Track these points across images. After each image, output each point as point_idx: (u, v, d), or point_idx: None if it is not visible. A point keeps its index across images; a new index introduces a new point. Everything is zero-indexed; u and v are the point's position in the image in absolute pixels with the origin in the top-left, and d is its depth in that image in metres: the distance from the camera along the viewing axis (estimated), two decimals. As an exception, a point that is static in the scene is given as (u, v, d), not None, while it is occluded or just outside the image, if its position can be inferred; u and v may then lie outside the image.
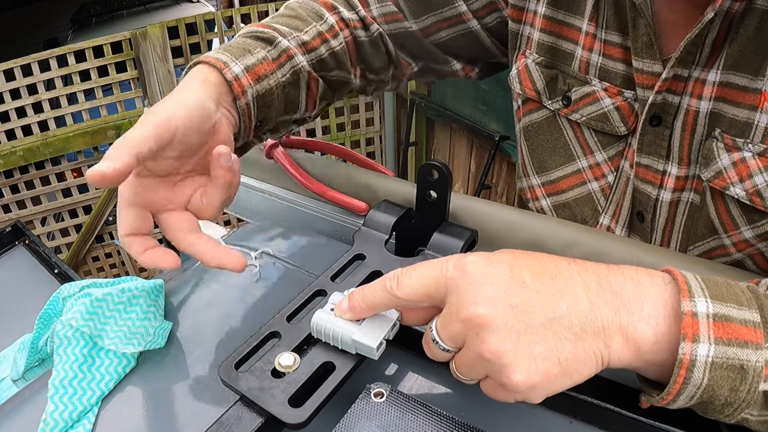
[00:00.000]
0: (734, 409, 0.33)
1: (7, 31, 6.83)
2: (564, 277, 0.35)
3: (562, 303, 0.34)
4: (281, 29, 0.62)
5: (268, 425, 0.38)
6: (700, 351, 0.32)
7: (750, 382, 0.32)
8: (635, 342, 0.34)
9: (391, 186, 0.63)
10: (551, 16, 0.63)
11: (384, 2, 0.70)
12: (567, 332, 0.33)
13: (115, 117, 3.34)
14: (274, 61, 0.59)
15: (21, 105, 3.10)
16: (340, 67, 0.67)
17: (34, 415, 0.44)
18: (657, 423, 0.38)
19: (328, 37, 0.65)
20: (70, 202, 3.48)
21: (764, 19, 0.47)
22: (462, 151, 3.17)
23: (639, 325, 0.34)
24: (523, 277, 0.35)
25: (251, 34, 0.60)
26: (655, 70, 0.55)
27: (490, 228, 0.55)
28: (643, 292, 0.34)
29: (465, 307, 0.34)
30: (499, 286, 0.34)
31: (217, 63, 0.53)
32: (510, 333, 0.33)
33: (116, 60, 3.19)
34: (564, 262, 0.36)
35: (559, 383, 0.34)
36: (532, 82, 0.67)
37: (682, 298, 0.33)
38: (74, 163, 3.40)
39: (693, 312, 0.33)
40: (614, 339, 0.33)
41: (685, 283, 0.34)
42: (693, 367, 0.32)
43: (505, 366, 0.33)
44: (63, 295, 0.54)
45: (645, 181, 0.60)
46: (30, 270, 1.22)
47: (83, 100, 3.23)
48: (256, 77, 0.56)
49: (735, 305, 0.33)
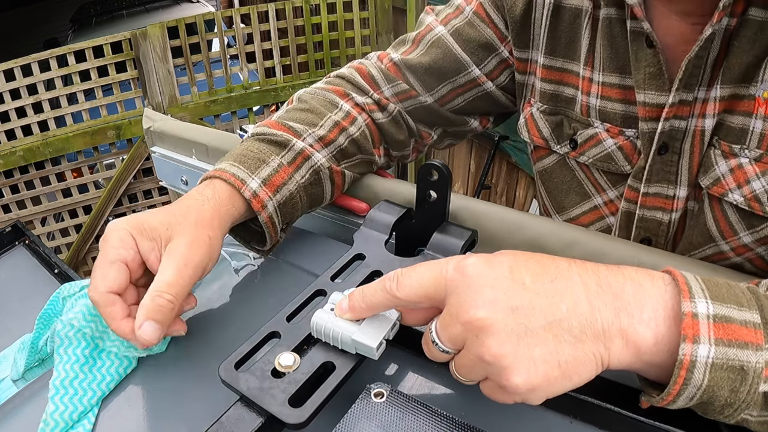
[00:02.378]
0: (734, 409, 0.33)
1: (7, 31, 6.83)
2: (564, 279, 0.35)
3: (561, 305, 0.34)
4: (296, 127, 0.61)
5: (268, 425, 0.38)
6: (700, 352, 0.32)
7: (750, 383, 0.32)
8: (635, 344, 0.34)
9: (391, 186, 0.63)
10: (550, 65, 0.64)
11: (394, 82, 0.69)
12: (567, 335, 0.33)
13: (115, 117, 3.34)
14: (290, 165, 0.58)
15: (21, 105, 3.10)
16: (363, 151, 0.66)
17: (34, 415, 0.44)
18: (657, 423, 0.38)
19: (346, 125, 0.64)
20: (70, 202, 3.48)
21: (760, 28, 0.47)
22: (462, 151, 3.17)
23: (639, 328, 0.34)
24: (523, 279, 0.34)
25: (264, 137, 0.59)
26: (660, 101, 0.54)
27: (490, 228, 0.55)
28: (643, 294, 0.34)
29: (465, 310, 0.34)
30: (499, 289, 0.34)
31: (234, 181, 0.53)
32: (510, 336, 0.33)
33: (116, 60, 3.19)
34: (564, 263, 0.36)
35: (559, 385, 0.34)
36: (539, 130, 0.68)
37: (683, 299, 0.33)
38: (74, 163, 3.40)
39: (693, 313, 0.33)
40: (614, 341, 0.34)
41: (686, 284, 0.34)
42: (693, 368, 0.32)
43: (505, 369, 0.33)
44: (63, 295, 0.54)
45: (654, 208, 0.59)
46: (30, 270, 1.21)
47: (83, 100, 3.23)
48: (274, 188, 0.55)
49: (735, 306, 0.33)
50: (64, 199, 3.46)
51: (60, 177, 3.39)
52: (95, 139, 3.32)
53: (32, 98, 3.10)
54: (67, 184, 3.41)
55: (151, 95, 3.32)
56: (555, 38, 0.62)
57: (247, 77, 3.57)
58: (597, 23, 0.58)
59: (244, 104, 3.59)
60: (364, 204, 0.64)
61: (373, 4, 3.61)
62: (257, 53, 3.50)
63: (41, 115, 3.16)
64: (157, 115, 0.90)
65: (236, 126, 3.63)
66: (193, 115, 3.42)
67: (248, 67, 3.53)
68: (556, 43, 0.63)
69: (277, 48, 3.55)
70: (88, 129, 3.28)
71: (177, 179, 0.85)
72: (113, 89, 3.28)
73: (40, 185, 3.35)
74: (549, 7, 0.61)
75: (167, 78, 3.30)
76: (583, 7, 0.59)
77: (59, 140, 3.24)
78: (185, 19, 3.31)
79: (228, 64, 3.46)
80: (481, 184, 2.60)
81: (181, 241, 0.48)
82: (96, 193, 3.49)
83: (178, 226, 0.49)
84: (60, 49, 3.14)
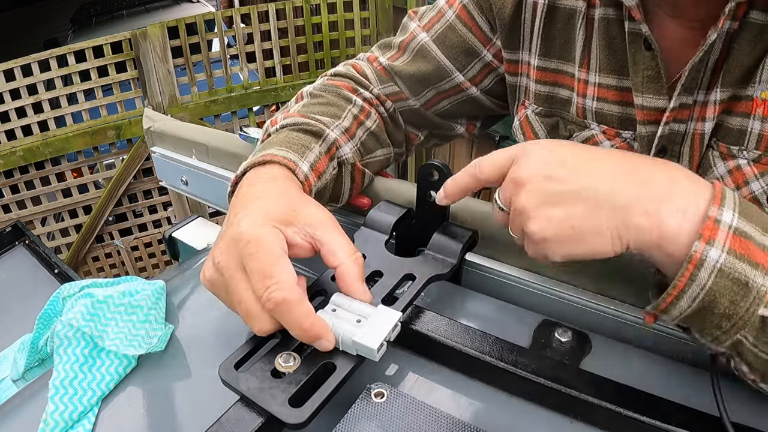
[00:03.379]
0: (731, 324, 0.34)
1: (7, 31, 6.83)
2: (600, 160, 0.39)
3: (586, 179, 0.38)
4: (323, 120, 0.60)
5: (268, 425, 0.38)
6: (711, 254, 0.33)
7: (751, 301, 0.33)
8: (658, 229, 0.35)
9: (391, 186, 0.63)
10: (544, 67, 0.63)
11: (386, 83, 0.70)
12: (584, 203, 0.37)
13: (115, 117, 3.34)
14: (326, 155, 0.57)
15: (21, 105, 3.10)
16: (382, 144, 0.66)
17: (34, 415, 0.44)
18: (657, 423, 0.37)
19: (363, 119, 0.64)
20: (70, 202, 3.48)
21: (760, 31, 0.47)
22: (462, 151, 3.17)
23: (664, 215, 0.35)
24: (564, 156, 0.39)
25: (299, 127, 0.58)
26: (658, 105, 0.54)
27: (490, 228, 0.55)
28: (676, 187, 0.36)
29: (514, 171, 0.41)
30: (543, 160, 0.40)
31: (288, 163, 0.52)
32: (538, 194, 0.39)
33: (116, 60, 3.19)
34: (605, 152, 0.41)
35: (571, 246, 0.38)
36: (534, 133, 0.67)
37: (712, 204, 0.34)
38: (74, 163, 3.40)
39: (717, 219, 0.34)
40: (634, 220, 0.36)
41: (721, 192, 0.35)
42: (701, 266, 0.33)
43: (528, 218, 0.39)
44: (63, 295, 0.54)
45: None
46: (30, 270, 1.22)
47: (83, 100, 3.23)
48: (318, 174, 0.55)
49: (760, 229, 0.34)
50: (64, 199, 3.46)
51: (60, 177, 3.39)
52: (95, 139, 3.32)
53: (32, 98, 3.10)
54: (67, 184, 3.41)
55: (151, 95, 3.32)
56: (549, 39, 0.62)
57: (248, 77, 3.57)
58: (592, 23, 0.58)
59: (245, 104, 3.59)
60: (366, 198, 0.64)
61: (374, 4, 3.61)
62: (257, 53, 3.50)
63: (41, 115, 3.16)
64: (157, 115, 0.90)
65: (236, 126, 3.63)
66: (193, 115, 3.42)
67: (248, 67, 3.53)
68: (550, 44, 0.62)
69: (278, 48, 3.55)
70: (88, 129, 3.28)
71: (177, 179, 0.85)
72: (113, 89, 3.27)
73: (40, 185, 3.35)
74: (543, 8, 0.61)
75: (167, 78, 3.30)
76: (578, 7, 0.59)
77: (59, 140, 3.24)
78: (185, 19, 3.31)
79: (228, 64, 3.46)
80: (481, 184, 2.59)
81: (312, 211, 0.46)
82: (96, 193, 3.49)
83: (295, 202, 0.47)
84: (60, 49, 3.14)
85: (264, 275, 0.40)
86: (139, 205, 3.62)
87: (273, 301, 0.39)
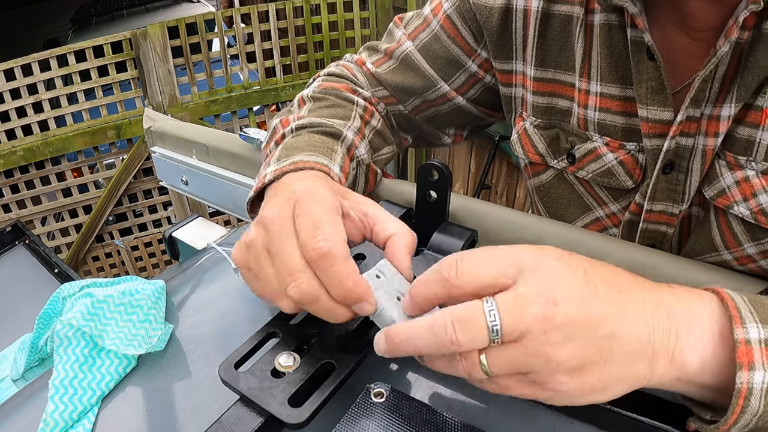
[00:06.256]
0: None
1: (7, 31, 6.84)
2: (628, 292, 0.34)
3: (624, 322, 0.33)
4: (336, 122, 0.59)
5: (268, 425, 0.38)
6: (756, 378, 0.32)
7: None
8: (680, 366, 0.34)
9: (391, 186, 0.63)
10: (541, 77, 0.61)
11: (377, 87, 0.70)
12: (620, 354, 0.32)
13: (115, 117, 3.34)
14: (347, 156, 0.57)
15: (21, 105, 3.10)
16: (388, 141, 0.66)
17: (34, 415, 0.44)
18: (657, 423, 0.37)
19: (368, 118, 0.64)
20: (70, 202, 3.48)
21: None
22: (462, 151, 3.17)
23: (686, 350, 0.33)
24: (596, 284, 0.33)
25: (317, 129, 0.57)
26: (663, 117, 0.52)
27: (490, 228, 0.55)
28: (692, 315, 0.34)
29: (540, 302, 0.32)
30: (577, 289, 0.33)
31: (322, 168, 0.51)
32: (575, 341, 0.32)
33: (116, 60, 3.19)
34: (626, 274, 0.35)
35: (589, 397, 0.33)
36: (534, 146, 0.65)
37: (735, 325, 0.33)
38: (74, 163, 3.40)
39: (746, 339, 0.32)
40: (659, 362, 0.33)
41: (736, 308, 0.34)
42: (750, 395, 0.32)
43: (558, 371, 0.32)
44: (63, 294, 0.54)
45: (659, 223, 0.57)
46: (30, 270, 1.22)
47: (83, 100, 3.23)
48: (346, 176, 0.55)
49: None
50: (64, 199, 3.46)
51: (60, 177, 3.39)
52: (95, 138, 3.32)
53: (32, 98, 3.11)
54: (67, 184, 3.42)
55: (152, 95, 3.33)
56: (545, 48, 0.59)
57: (248, 77, 3.57)
58: (591, 30, 0.55)
59: (245, 104, 3.59)
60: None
61: (374, 4, 3.61)
62: (257, 53, 3.50)
63: (41, 115, 3.17)
64: (158, 115, 0.90)
65: (236, 126, 3.63)
66: (193, 115, 3.42)
67: (248, 67, 3.54)
68: (546, 53, 0.59)
69: (278, 48, 3.55)
70: (88, 129, 3.28)
71: (177, 179, 0.85)
72: (113, 89, 3.28)
73: (40, 185, 3.35)
74: (537, 15, 0.58)
75: (167, 78, 3.30)
76: (574, 13, 0.56)
77: (59, 140, 3.24)
78: (185, 19, 3.31)
79: (228, 64, 3.47)
80: (481, 184, 2.60)
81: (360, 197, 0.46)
82: (96, 193, 3.49)
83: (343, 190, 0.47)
84: (60, 49, 3.15)
85: (314, 225, 0.38)
86: (139, 204, 3.62)
87: (318, 251, 0.37)
